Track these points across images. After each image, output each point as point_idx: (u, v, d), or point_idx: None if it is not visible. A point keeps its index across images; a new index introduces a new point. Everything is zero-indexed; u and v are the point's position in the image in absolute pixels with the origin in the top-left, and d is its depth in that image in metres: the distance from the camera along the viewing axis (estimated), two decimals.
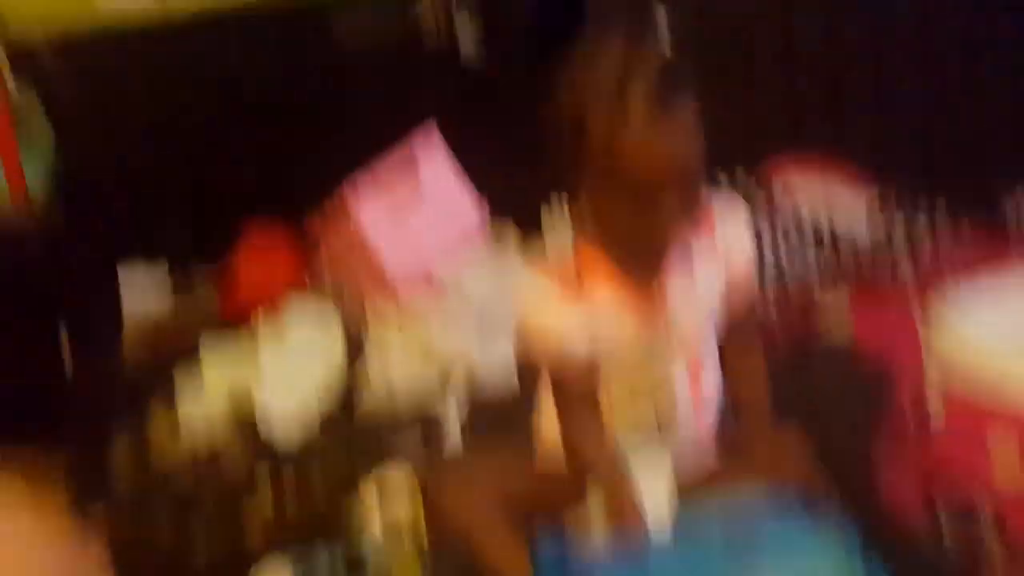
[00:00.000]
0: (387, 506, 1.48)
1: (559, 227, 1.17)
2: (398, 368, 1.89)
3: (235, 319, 2.17)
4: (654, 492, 1.17)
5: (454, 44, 2.10)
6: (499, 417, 1.71)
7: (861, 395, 1.52)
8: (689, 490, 1.18)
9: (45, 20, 2.09)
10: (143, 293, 2.50)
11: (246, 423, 1.82)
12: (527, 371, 1.80)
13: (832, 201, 2.09)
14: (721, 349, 1.26)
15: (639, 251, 1.15)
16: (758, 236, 1.26)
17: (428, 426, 1.73)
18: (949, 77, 2.18)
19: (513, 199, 2.17)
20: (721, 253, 1.21)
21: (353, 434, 1.76)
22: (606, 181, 1.07)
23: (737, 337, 1.27)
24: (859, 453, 1.37)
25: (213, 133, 2.36)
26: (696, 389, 1.23)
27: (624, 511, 1.13)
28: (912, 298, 1.76)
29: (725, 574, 1.00)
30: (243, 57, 2.24)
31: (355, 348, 1.96)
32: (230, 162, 2.36)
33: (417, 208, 2.10)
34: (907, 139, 2.23)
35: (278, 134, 2.34)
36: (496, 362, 1.85)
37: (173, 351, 2.23)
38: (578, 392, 1.19)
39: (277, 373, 1.91)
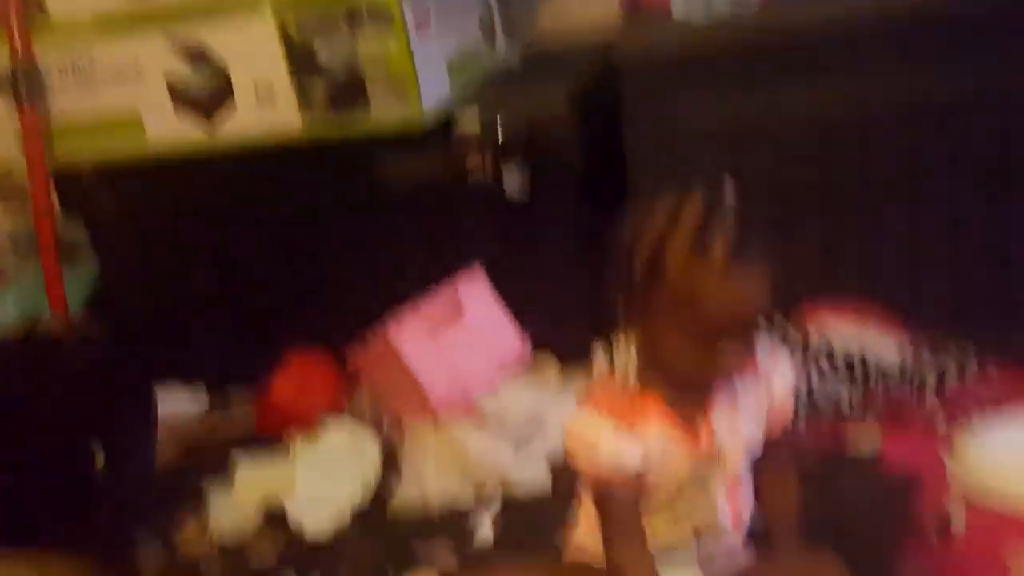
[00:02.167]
0: None
1: (615, 362, 1.25)
2: (433, 483, 1.92)
3: (270, 437, 2.21)
4: None
5: (499, 183, 2.17)
6: (531, 529, 1.73)
7: (886, 507, 1.58)
8: None
9: (93, 150, 2.11)
10: (178, 408, 2.56)
11: (276, 521, 1.86)
12: (563, 489, 1.81)
13: (864, 341, 2.13)
14: (757, 474, 1.33)
15: (693, 389, 1.24)
16: (795, 373, 1.36)
17: (460, 534, 1.75)
18: (980, 226, 2.23)
19: (556, 334, 2.21)
20: (765, 393, 1.29)
21: (385, 537, 1.78)
22: (674, 323, 1.16)
23: (773, 464, 1.34)
24: (883, 564, 1.42)
25: (256, 263, 2.40)
26: (735, 510, 1.31)
27: None
28: (938, 426, 1.83)
29: None
30: (288, 190, 2.26)
31: (390, 466, 1.98)
32: (272, 291, 2.40)
33: (459, 338, 2.12)
34: (940, 286, 2.27)
35: (321, 266, 2.38)
36: (532, 480, 1.90)
37: (205, 463, 2.29)
38: (623, 511, 1.23)
39: (310, 488, 1.92)
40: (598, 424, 1.21)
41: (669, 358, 1.19)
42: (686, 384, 1.22)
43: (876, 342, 2.13)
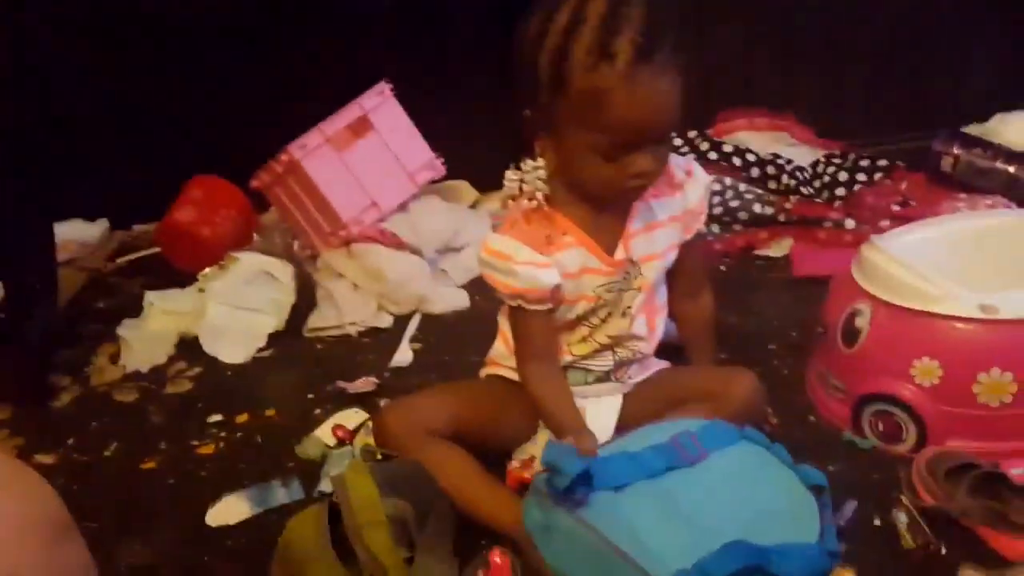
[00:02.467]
0: (340, 428, 1.44)
1: (526, 183, 1.18)
2: (349, 306, 1.85)
3: (180, 270, 2.09)
4: (602, 426, 1.23)
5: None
6: (449, 347, 1.71)
7: (794, 311, 1.63)
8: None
9: None
10: (78, 235, 2.44)
11: (190, 350, 1.79)
12: (480, 308, 1.83)
13: (778, 150, 2.13)
14: (672, 285, 1.31)
15: (606, 208, 1.17)
16: (709, 182, 1.34)
17: (379, 356, 1.71)
18: (897, 38, 2.20)
19: (469, 156, 2.12)
20: (680, 206, 1.24)
21: (303, 362, 1.73)
22: (581, 135, 1.07)
23: (688, 275, 1.31)
24: (792, 366, 1.46)
25: (155, 88, 2.23)
26: (651, 322, 1.28)
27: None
28: (847, 231, 1.86)
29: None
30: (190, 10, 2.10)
31: (305, 292, 1.89)
32: (173, 119, 2.24)
33: (368, 154, 1.98)
34: (852, 95, 2.26)
35: (225, 90, 2.22)
36: (448, 299, 1.88)
37: (115, 296, 2.20)
38: (536, 328, 1.20)
39: (222, 317, 1.81)
40: (513, 245, 1.16)
41: (579, 175, 1.13)
42: (599, 203, 1.17)
43: (789, 151, 2.13)
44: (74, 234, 2.42)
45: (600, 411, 1.27)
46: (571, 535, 0.97)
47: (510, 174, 1.18)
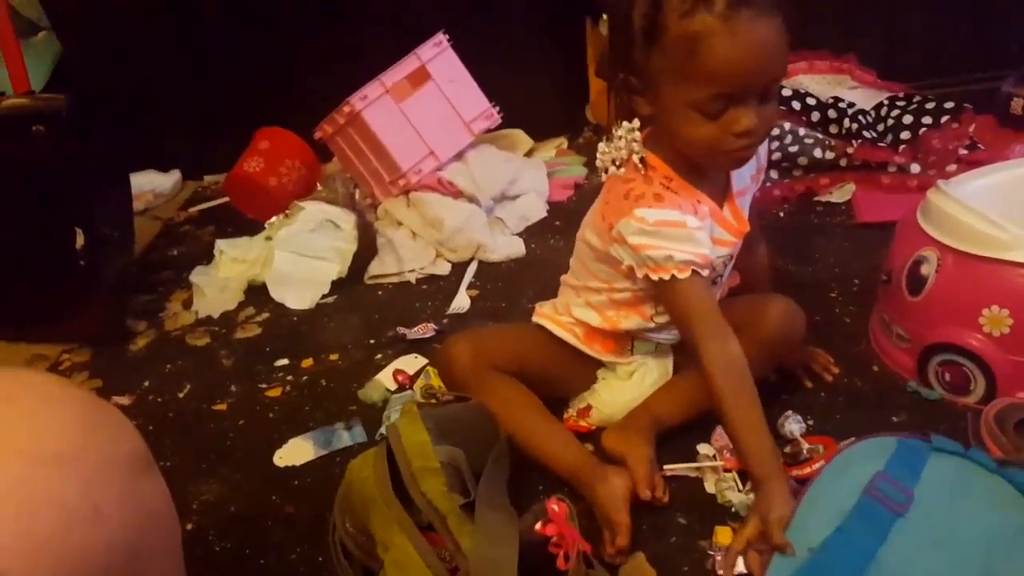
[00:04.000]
0: (401, 373, 1.42)
1: (620, 144, 1.05)
2: (408, 254, 1.82)
3: (249, 220, 2.11)
4: (662, 373, 1.20)
5: None
6: (505, 293, 1.68)
7: (857, 257, 1.54)
8: None
9: None
10: (157, 197, 2.45)
11: (258, 296, 1.78)
12: (535, 255, 1.81)
13: (840, 93, 2.01)
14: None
15: (711, 167, 1.05)
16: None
17: (438, 302, 1.68)
18: None
19: (522, 106, 2.08)
20: (755, 163, 1.13)
21: (364, 308, 1.70)
22: (680, 87, 0.97)
23: (750, 234, 1.19)
24: (855, 313, 1.39)
25: (223, 44, 2.26)
26: (726, 289, 1.23)
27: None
28: (911, 176, 1.75)
29: None
30: None
31: (366, 240, 1.93)
32: (241, 73, 2.25)
33: (426, 104, 1.93)
34: (917, 37, 2.11)
35: (289, 45, 2.21)
36: (505, 246, 1.84)
37: (186, 244, 2.22)
38: (705, 292, 1.06)
39: (289, 264, 1.86)
40: (676, 213, 1.04)
41: (680, 135, 1.01)
42: (703, 171, 1.06)
43: (851, 94, 2.01)
44: (149, 185, 2.43)
45: (660, 360, 1.22)
46: None
47: (603, 146, 1.08)
